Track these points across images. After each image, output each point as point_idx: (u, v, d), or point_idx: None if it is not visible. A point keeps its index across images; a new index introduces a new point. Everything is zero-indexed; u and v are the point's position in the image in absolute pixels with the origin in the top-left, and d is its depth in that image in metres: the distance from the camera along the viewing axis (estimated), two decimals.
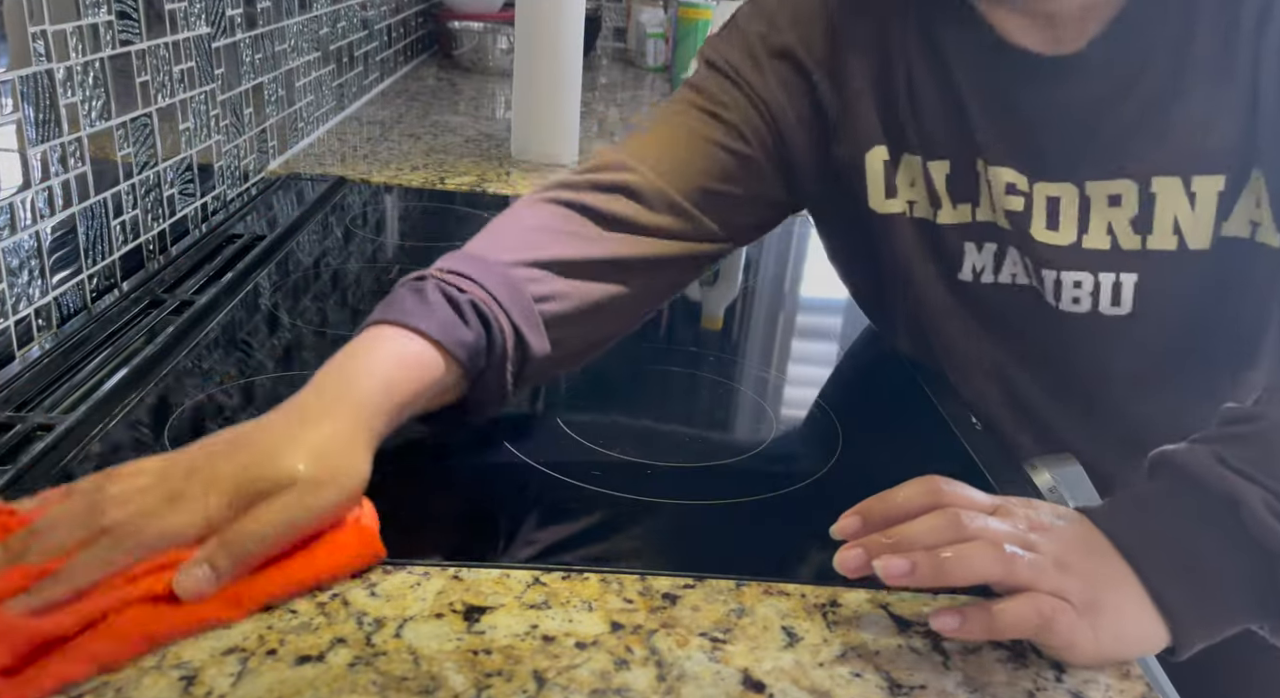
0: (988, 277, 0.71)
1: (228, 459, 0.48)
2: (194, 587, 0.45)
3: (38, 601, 0.43)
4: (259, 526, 0.46)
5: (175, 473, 0.48)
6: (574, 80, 1.33)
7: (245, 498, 0.47)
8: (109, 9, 0.79)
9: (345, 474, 0.50)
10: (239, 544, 0.46)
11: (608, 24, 2.62)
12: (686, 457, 0.65)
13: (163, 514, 0.46)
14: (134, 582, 0.44)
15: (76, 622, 0.42)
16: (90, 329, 0.74)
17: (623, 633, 0.47)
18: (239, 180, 1.11)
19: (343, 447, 0.51)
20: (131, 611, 0.43)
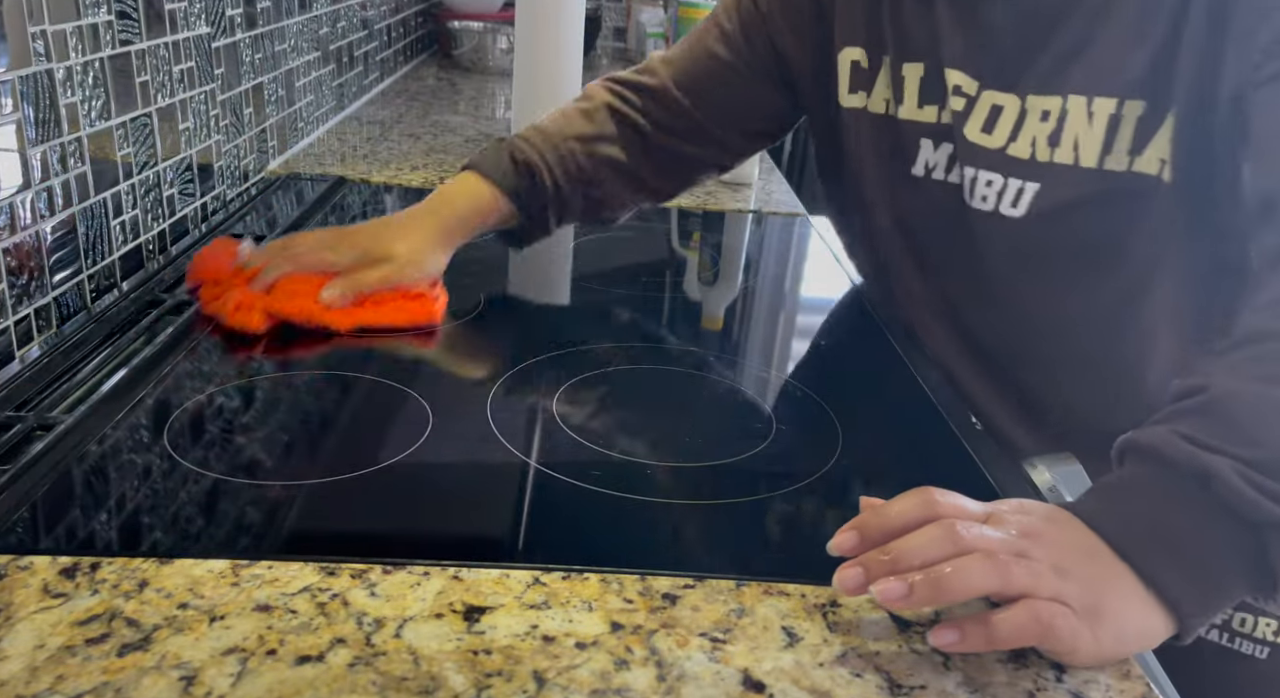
0: (938, 174, 0.76)
1: (361, 234, 0.82)
2: (330, 298, 0.77)
3: (260, 282, 0.78)
4: (367, 278, 0.78)
5: (332, 236, 0.82)
6: (574, 80, 1.33)
7: (367, 258, 0.79)
8: (109, 9, 0.79)
9: (425, 262, 0.82)
10: (356, 284, 0.78)
11: (608, 24, 2.62)
12: (686, 457, 0.65)
13: (320, 252, 0.80)
14: (304, 282, 0.78)
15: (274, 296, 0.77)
16: (90, 329, 0.74)
17: (623, 633, 0.47)
18: (239, 180, 1.11)
19: (427, 245, 0.82)
20: (298, 300, 0.77)
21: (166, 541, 0.52)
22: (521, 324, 0.88)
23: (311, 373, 0.72)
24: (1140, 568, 0.48)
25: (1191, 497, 0.48)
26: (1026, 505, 0.51)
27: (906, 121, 0.76)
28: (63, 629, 0.44)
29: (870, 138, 0.80)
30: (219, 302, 0.76)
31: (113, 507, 0.54)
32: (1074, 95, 0.67)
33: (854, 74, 0.79)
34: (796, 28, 0.83)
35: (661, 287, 1.00)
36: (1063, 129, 0.68)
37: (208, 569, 0.49)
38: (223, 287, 0.78)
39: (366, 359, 0.75)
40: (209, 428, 0.63)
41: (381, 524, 0.55)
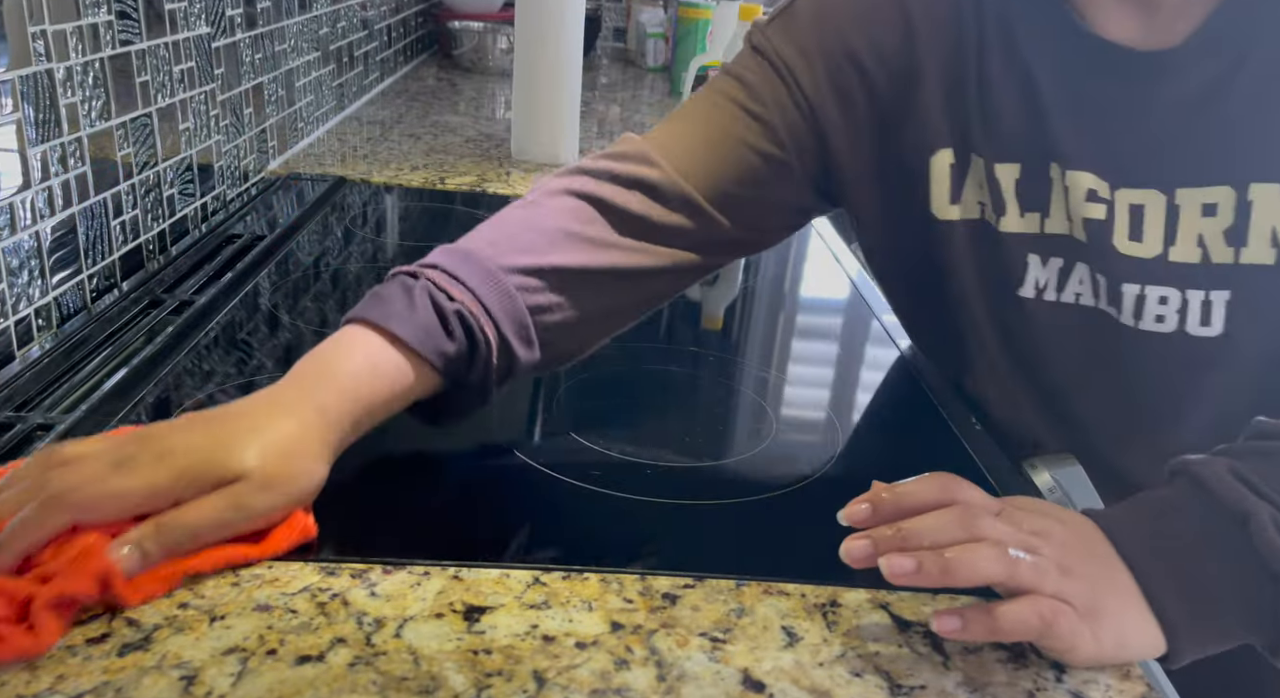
0: (1050, 295, 0.65)
1: (185, 436, 0.48)
2: (124, 566, 0.45)
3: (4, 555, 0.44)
4: (195, 519, 0.46)
5: (130, 441, 0.48)
6: (574, 80, 1.33)
7: (191, 480, 0.46)
8: (109, 9, 0.79)
9: (296, 479, 0.49)
10: (171, 534, 0.46)
11: (608, 24, 2.62)
12: (687, 457, 0.65)
13: (106, 479, 0.45)
14: (75, 544, 0.44)
15: (29, 582, 0.43)
16: (90, 329, 0.74)
17: (623, 633, 0.47)
18: (239, 180, 1.11)
19: (299, 450, 0.50)
20: (70, 576, 0.43)
21: None
22: None
23: None
24: (1145, 585, 0.48)
25: (1224, 533, 0.48)
26: (1041, 506, 0.51)
27: (1006, 233, 0.64)
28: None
29: (966, 253, 0.67)
30: None
31: None
32: (1258, 184, 0.57)
33: (953, 179, 0.66)
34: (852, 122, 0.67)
35: None
36: (1249, 222, 0.58)
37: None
38: None
39: None
40: None
41: (381, 524, 0.55)
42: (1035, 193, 0.63)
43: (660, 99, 1.96)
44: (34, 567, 0.44)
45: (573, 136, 1.37)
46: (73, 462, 0.46)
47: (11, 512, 0.45)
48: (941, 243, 0.67)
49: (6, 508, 0.45)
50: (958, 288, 0.68)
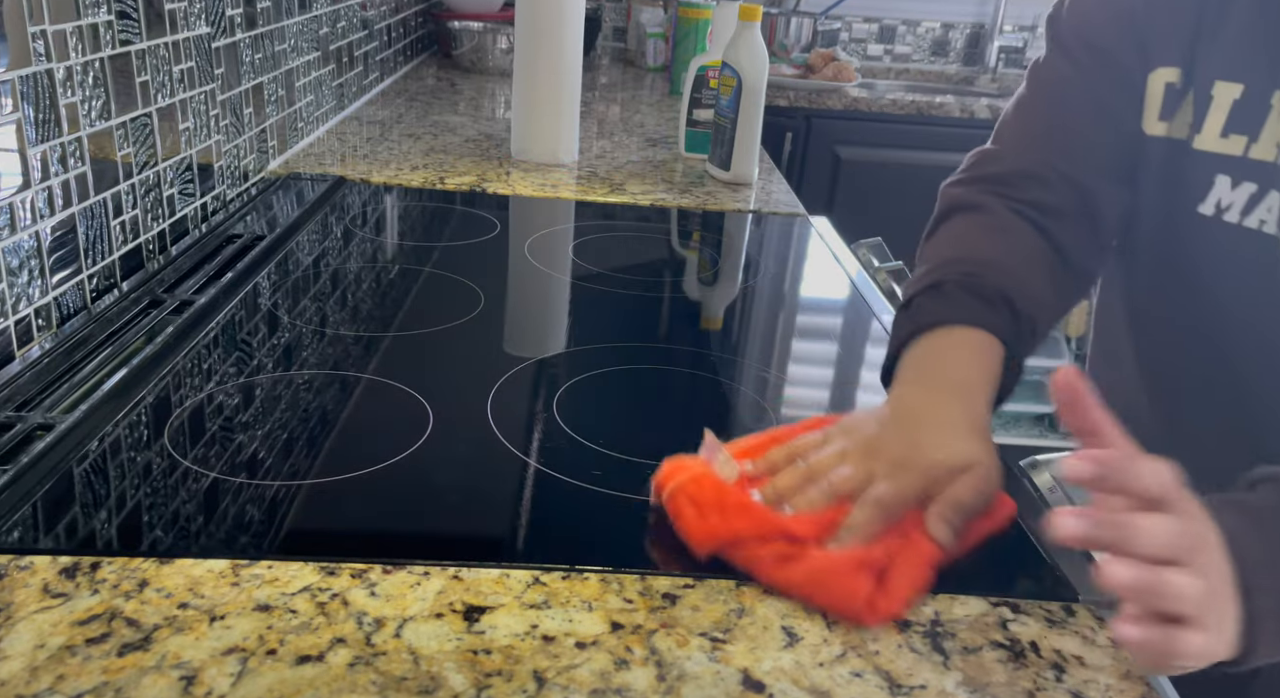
0: (1232, 216, 0.64)
1: (899, 444, 0.58)
2: (943, 536, 0.54)
3: (846, 542, 0.53)
4: (968, 497, 0.56)
5: (859, 453, 0.58)
6: (574, 80, 1.33)
7: (934, 475, 0.56)
8: (109, 9, 0.79)
9: (996, 457, 0.59)
10: (958, 506, 0.55)
11: (608, 24, 2.62)
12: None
13: (888, 488, 0.55)
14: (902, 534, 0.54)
15: (880, 558, 0.52)
16: (90, 329, 0.74)
17: (623, 633, 0.47)
18: (239, 180, 1.11)
19: (988, 434, 0.60)
20: (906, 549, 0.53)
21: (166, 540, 0.52)
22: (522, 324, 0.88)
23: (311, 373, 0.72)
24: (1251, 604, 0.47)
25: None
26: (1192, 510, 0.47)
27: (1202, 152, 0.65)
28: (63, 629, 0.44)
29: (1158, 170, 0.69)
30: (720, 531, 0.54)
31: (113, 506, 0.54)
32: None
33: (1166, 98, 0.68)
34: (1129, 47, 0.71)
35: (661, 287, 1.00)
36: None
37: (208, 569, 0.49)
38: (718, 514, 0.54)
39: (366, 359, 0.75)
40: (209, 428, 0.63)
41: (381, 524, 0.55)
42: (1248, 117, 0.63)
43: (660, 99, 1.96)
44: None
45: (573, 137, 1.37)
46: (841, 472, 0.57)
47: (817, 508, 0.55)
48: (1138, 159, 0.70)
49: (786, 490, 0.56)
50: (1136, 203, 0.70)
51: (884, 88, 2.64)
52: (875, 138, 2.32)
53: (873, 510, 0.54)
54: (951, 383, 0.63)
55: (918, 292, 0.68)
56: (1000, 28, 2.78)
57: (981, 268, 0.68)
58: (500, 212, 1.15)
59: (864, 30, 2.84)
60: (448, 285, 0.92)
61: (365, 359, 0.75)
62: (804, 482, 0.57)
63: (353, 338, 0.78)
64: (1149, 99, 0.68)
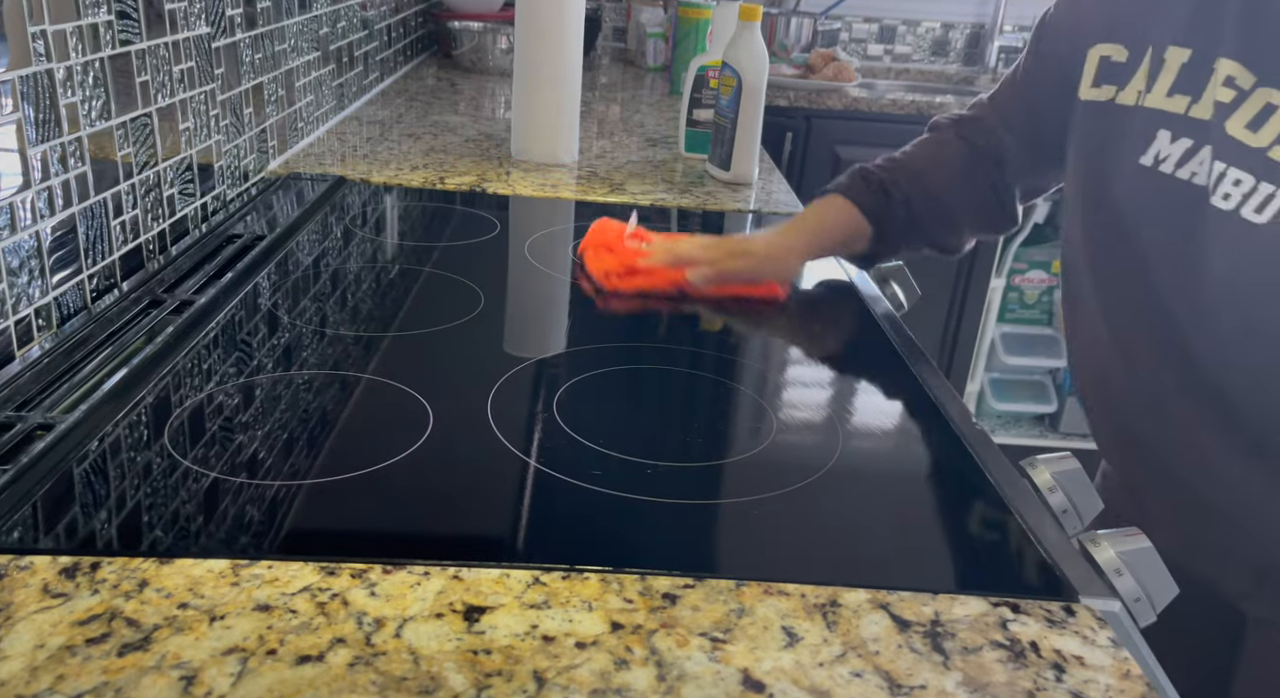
0: (1167, 167, 0.73)
1: (729, 238, 0.98)
2: (696, 277, 0.91)
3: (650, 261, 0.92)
4: (734, 264, 0.92)
5: (707, 238, 0.95)
6: (574, 80, 1.33)
7: (728, 253, 0.92)
8: (109, 9, 0.79)
9: (784, 262, 0.94)
10: (718, 272, 0.91)
11: (608, 24, 2.62)
12: (686, 457, 0.65)
13: (695, 249, 0.92)
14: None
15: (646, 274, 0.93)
16: (90, 329, 0.74)
17: (623, 633, 0.47)
18: (239, 180, 1.11)
19: (787, 248, 0.94)
20: (666, 276, 0.93)
21: (166, 540, 0.52)
22: (522, 324, 0.88)
23: (311, 373, 0.72)
24: None
25: None
26: None
27: (1149, 110, 0.74)
28: (63, 629, 0.44)
29: (1100, 129, 0.79)
30: (599, 263, 0.94)
31: (113, 506, 0.54)
32: None
33: (1100, 68, 0.79)
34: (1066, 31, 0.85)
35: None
36: None
37: (208, 569, 0.49)
38: (607, 253, 0.94)
39: (366, 359, 0.75)
40: (209, 427, 0.63)
41: (381, 524, 0.55)
42: (1193, 79, 0.71)
43: (660, 99, 1.96)
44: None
45: (573, 137, 1.37)
46: (681, 241, 0.96)
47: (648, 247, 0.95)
48: (1074, 125, 0.82)
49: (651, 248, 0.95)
50: (1076, 160, 0.82)
51: (884, 88, 2.64)
52: (875, 138, 2.31)
53: (667, 254, 0.92)
54: (797, 220, 0.95)
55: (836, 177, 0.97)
56: (1000, 28, 2.78)
57: (888, 162, 0.95)
58: (500, 212, 1.15)
59: (864, 30, 2.84)
60: (448, 285, 0.92)
61: (365, 359, 0.75)
62: (665, 244, 0.94)
63: (353, 338, 0.78)
64: (1085, 69, 0.80)
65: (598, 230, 0.97)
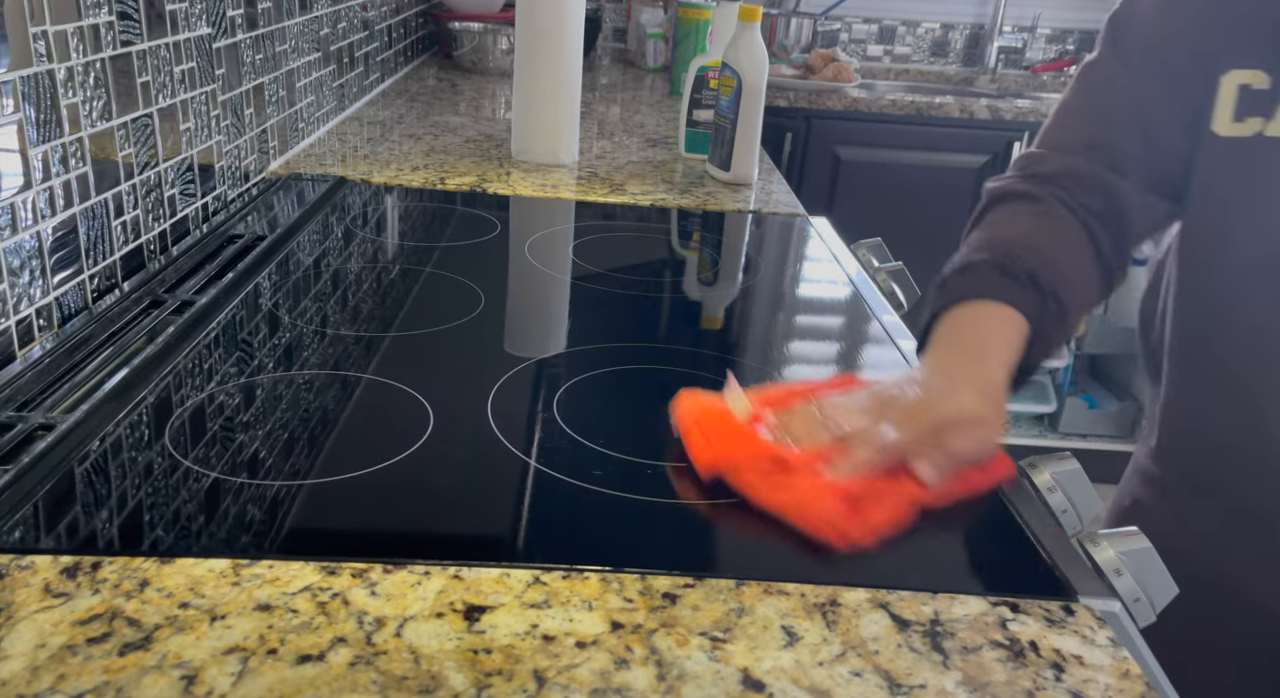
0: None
1: (920, 396, 0.62)
2: (927, 475, 0.59)
3: (843, 473, 0.58)
4: (961, 441, 0.60)
5: (875, 402, 0.63)
6: (574, 80, 1.33)
7: (935, 421, 0.60)
8: (110, 9, 0.79)
9: (1002, 410, 0.63)
10: (947, 454, 0.60)
11: (608, 24, 2.62)
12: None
13: (875, 439, 0.60)
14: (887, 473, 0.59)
15: (862, 490, 0.57)
16: (91, 329, 0.75)
17: (623, 633, 0.47)
18: (240, 180, 1.11)
19: (998, 388, 0.64)
20: (892, 489, 0.58)
21: (167, 540, 0.52)
22: (522, 324, 0.88)
23: (311, 373, 0.72)
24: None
25: None
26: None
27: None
28: (64, 629, 0.45)
29: (1249, 167, 0.70)
30: (719, 456, 0.60)
31: (114, 506, 0.54)
32: None
33: (1241, 99, 0.69)
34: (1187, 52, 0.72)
35: (661, 287, 1.00)
36: None
37: (209, 569, 0.49)
38: (728, 444, 0.61)
39: (367, 359, 0.75)
40: (210, 427, 0.63)
41: (381, 524, 0.55)
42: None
43: (660, 99, 1.96)
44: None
45: (573, 137, 1.37)
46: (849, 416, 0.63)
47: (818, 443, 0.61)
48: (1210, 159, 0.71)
49: (795, 428, 0.62)
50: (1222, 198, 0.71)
51: (884, 88, 2.65)
52: (875, 138, 2.32)
53: (869, 450, 0.59)
54: (968, 347, 0.67)
55: (951, 271, 0.72)
56: (1000, 28, 2.78)
57: (1014, 247, 0.71)
58: (500, 212, 1.15)
59: (864, 31, 2.84)
60: (448, 285, 0.92)
61: (366, 359, 0.75)
62: (815, 425, 0.62)
63: (353, 338, 0.79)
64: (1220, 101, 0.69)
65: (698, 413, 0.64)
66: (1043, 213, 0.74)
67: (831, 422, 0.62)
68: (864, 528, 0.55)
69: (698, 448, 0.61)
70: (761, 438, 0.61)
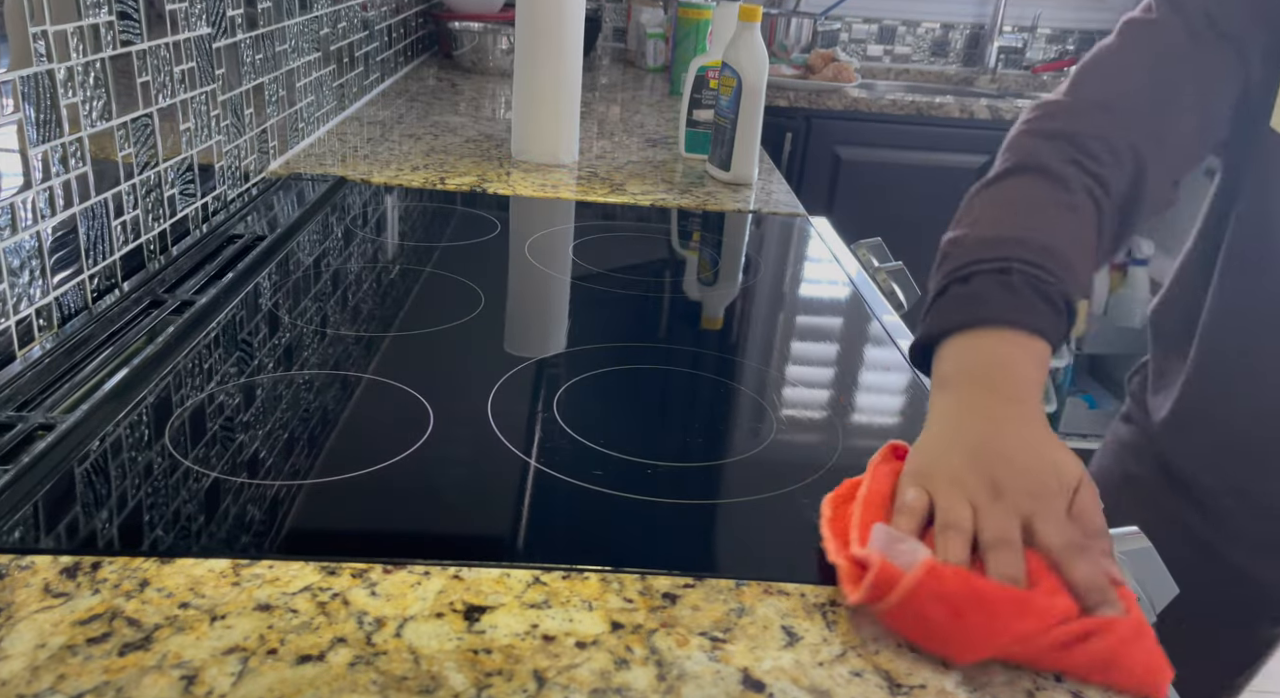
0: None
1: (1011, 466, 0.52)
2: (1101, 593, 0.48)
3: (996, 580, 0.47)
4: (1098, 524, 0.51)
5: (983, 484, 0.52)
6: (574, 80, 1.33)
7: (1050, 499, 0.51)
8: (110, 9, 0.79)
9: None
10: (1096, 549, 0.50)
11: (608, 24, 2.62)
12: (686, 457, 0.65)
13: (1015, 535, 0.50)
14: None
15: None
16: (91, 329, 0.75)
17: (623, 633, 0.47)
18: (240, 180, 1.11)
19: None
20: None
21: (167, 540, 0.52)
22: (522, 324, 0.88)
23: (311, 373, 0.72)
24: None
25: None
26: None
27: None
28: (64, 629, 0.44)
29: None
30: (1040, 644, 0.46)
31: (114, 506, 0.54)
32: None
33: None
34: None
35: (661, 287, 1.00)
36: None
37: (208, 569, 0.49)
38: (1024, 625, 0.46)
39: (367, 359, 0.75)
40: (210, 427, 0.63)
41: (381, 524, 0.55)
42: None
43: (660, 99, 1.96)
44: None
45: (573, 137, 1.37)
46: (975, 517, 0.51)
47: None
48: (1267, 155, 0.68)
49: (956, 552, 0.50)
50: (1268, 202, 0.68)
51: (884, 88, 2.65)
52: (875, 138, 2.32)
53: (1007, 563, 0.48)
54: (1023, 395, 0.57)
55: (979, 269, 0.63)
56: (1000, 28, 2.78)
57: (1048, 259, 0.63)
58: (500, 212, 1.15)
59: (864, 31, 2.84)
60: (448, 285, 0.92)
61: (365, 359, 0.75)
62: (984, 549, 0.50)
63: (353, 338, 0.79)
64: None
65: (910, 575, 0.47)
66: (1070, 206, 0.67)
67: (998, 544, 0.49)
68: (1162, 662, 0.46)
69: (950, 626, 0.46)
70: (1011, 593, 0.47)
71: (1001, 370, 0.58)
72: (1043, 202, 0.67)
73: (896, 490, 0.55)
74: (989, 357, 0.59)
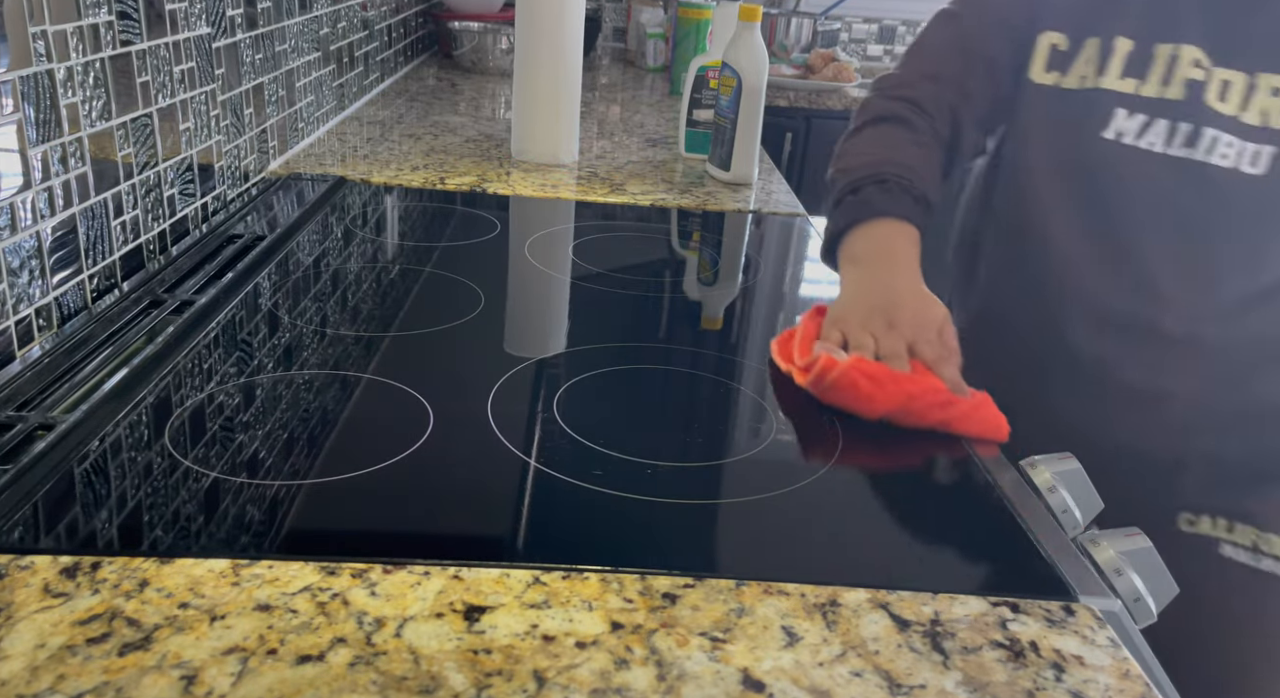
0: (1128, 139, 0.83)
1: (900, 309, 0.77)
2: (957, 385, 0.72)
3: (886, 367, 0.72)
4: (952, 343, 0.76)
5: (880, 320, 0.76)
6: (574, 80, 1.33)
7: (925, 329, 0.76)
8: (109, 9, 0.79)
9: None
10: (954, 356, 0.75)
11: (608, 24, 2.62)
12: (686, 457, 0.65)
13: (903, 351, 0.74)
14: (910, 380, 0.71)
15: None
16: (91, 329, 0.75)
17: (623, 633, 0.47)
18: (239, 180, 1.11)
19: None
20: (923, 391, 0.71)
21: (167, 540, 0.52)
22: (522, 324, 0.88)
23: (311, 373, 0.72)
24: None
25: None
26: None
27: (1103, 91, 0.83)
28: (64, 629, 0.44)
29: (1051, 107, 0.87)
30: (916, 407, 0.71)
31: (113, 506, 0.54)
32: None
33: (1051, 56, 0.87)
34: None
35: (661, 287, 1.00)
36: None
37: (208, 569, 0.49)
38: (913, 391, 0.71)
39: (366, 359, 0.75)
40: (209, 427, 0.63)
41: (381, 524, 0.55)
42: (1138, 64, 0.82)
43: (660, 99, 1.96)
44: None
45: (573, 137, 1.37)
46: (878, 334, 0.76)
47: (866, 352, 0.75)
48: (1023, 103, 0.89)
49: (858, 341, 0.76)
50: (1025, 135, 0.90)
51: None
52: None
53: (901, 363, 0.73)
54: (904, 262, 0.82)
55: (863, 183, 0.87)
56: None
57: (909, 173, 0.87)
58: (500, 212, 1.15)
59: (864, 30, 2.84)
60: (448, 285, 0.92)
61: (365, 359, 0.75)
62: (884, 360, 0.73)
63: (353, 338, 0.79)
64: (1036, 54, 0.88)
65: (842, 363, 0.73)
66: (918, 142, 0.92)
67: (890, 356, 0.73)
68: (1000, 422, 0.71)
69: (870, 391, 0.70)
70: (904, 374, 0.71)
71: (888, 247, 0.83)
72: (900, 139, 0.92)
73: (820, 332, 0.78)
74: (879, 239, 0.84)
